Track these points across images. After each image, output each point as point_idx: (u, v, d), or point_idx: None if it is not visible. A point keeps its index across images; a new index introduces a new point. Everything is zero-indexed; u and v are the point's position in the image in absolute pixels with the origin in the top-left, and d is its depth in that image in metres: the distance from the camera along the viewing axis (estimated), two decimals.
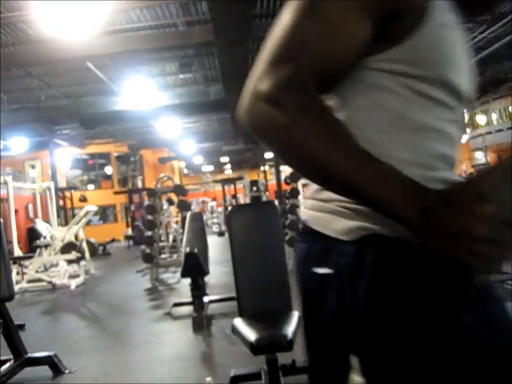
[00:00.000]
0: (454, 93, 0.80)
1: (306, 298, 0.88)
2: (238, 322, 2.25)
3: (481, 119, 18.06)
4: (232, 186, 20.91)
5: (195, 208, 19.29)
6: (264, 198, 13.96)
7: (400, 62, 0.76)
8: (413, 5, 0.75)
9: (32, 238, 12.04)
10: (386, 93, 0.77)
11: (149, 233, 8.09)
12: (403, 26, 0.75)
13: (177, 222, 10.85)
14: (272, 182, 21.71)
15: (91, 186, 22.33)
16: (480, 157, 18.88)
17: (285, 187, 11.15)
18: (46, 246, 9.17)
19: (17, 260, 7.94)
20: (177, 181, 14.80)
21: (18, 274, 7.94)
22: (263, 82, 0.69)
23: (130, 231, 17.17)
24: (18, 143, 15.16)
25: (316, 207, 0.85)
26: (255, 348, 1.97)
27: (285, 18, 0.74)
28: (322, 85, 0.74)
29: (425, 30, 0.75)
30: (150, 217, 8.18)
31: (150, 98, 11.06)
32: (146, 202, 8.74)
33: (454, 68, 0.79)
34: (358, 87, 0.78)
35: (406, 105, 0.77)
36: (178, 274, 6.64)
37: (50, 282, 7.94)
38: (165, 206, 10.08)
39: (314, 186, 0.87)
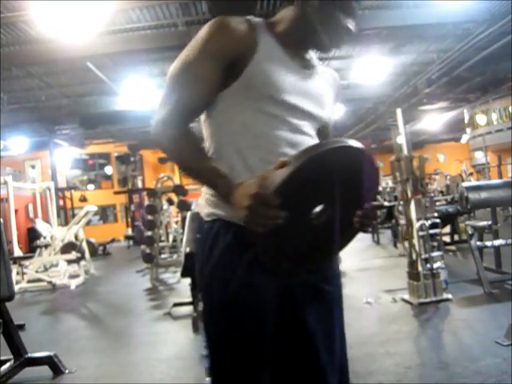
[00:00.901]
0: (286, 107, 1.18)
1: (195, 251, 1.35)
2: None
3: (481, 119, 18.05)
4: None
5: (195, 208, 19.27)
6: None
7: (241, 89, 1.16)
8: (244, 51, 1.15)
9: (32, 238, 12.04)
10: (235, 111, 1.18)
11: (149, 233, 8.09)
12: (241, 64, 1.15)
13: (177, 222, 10.83)
14: None
15: (91, 186, 22.32)
16: (480, 157, 18.87)
17: None
18: (46, 246, 9.17)
19: (17, 260, 7.93)
20: (177, 181, 14.79)
21: (18, 274, 7.93)
22: (158, 114, 1.17)
23: (130, 231, 17.16)
24: (18, 143, 15.16)
25: (201, 196, 1.32)
26: None
27: (169, 72, 1.20)
28: (195, 112, 1.20)
29: (253, 64, 1.15)
30: (149, 217, 8.18)
31: (150, 98, 11.06)
32: (146, 202, 8.74)
33: (281, 89, 1.16)
34: (219, 109, 1.20)
35: (247, 118, 1.18)
36: (178, 274, 6.64)
37: (50, 282, 7.94)
38: (165, 206, 10.07)
39: None
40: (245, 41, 1.16)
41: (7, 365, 3.33)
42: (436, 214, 5.24)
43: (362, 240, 11.44)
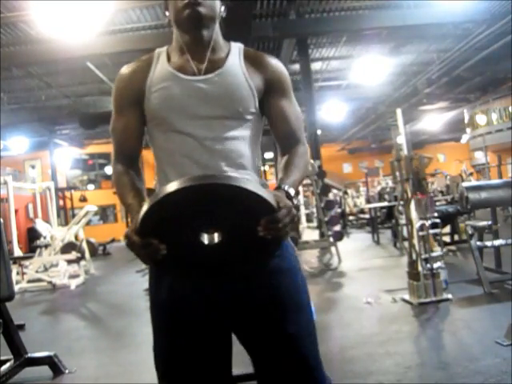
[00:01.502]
0: (186, 121, 1.28)
1: None
2: None
3: (481, 119, 18.05)
4: None
5: None
6: None
7: (149, 121, 1.34)
8: (139, 90, 1.31)
9: (32, 238, 12.03)
10: (154, 138, 1.36)
11: None
12: (142, 101, 1.32)
13: None
14: (272, 182, 21.71)
15: (91, 186, 22.32)
16: (480, 157, 18.87)
17: None
18: (46, 246, 9.16)
19: (17, 260, 7.93)
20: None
21: (18, 274, 7.93)
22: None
23: None
24: (18, 143, 15.16)
25: None
26: None
27: None
28: (130, 153, 1.38)
29: (147, 98, 1.31)
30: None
31: None
32: None
33: (175, 108, 1.28)
34: (149, 139, 1.39)
35: (161, 141, 1.33)
36: None
37: (50, 282, 7.94)
38: None
39: None
40: (137, 83, 1.33)
41: (7, 365, 3.33)
42: (436, 214, 5.24)
43: (362, 240, 11.45)
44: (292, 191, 1.21)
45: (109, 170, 22.26)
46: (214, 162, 1.27)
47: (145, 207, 1.05)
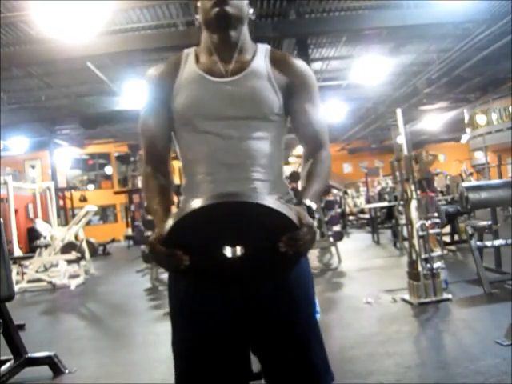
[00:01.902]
0: (211, 121, 1.30)
1: None
2: None
3: (481, 119, 18.04)
4: None
5: None
6: None
7: (177, 120, 1.35)
8: (167, 91, 1.35)
9: (32, 238, 12.02)
10: (181, 137, 1.38)
11: (149, 233, 8.09)
12: (170, 101, 1.35)
13: None
14: None
15: (91, 186, 22.30)
16: (480, 157, 18.86)
17: None
18: (46, 246, 9.16)
19: (17, 260, 7.93)
20: (177, 181, 14.75)
21: (18, 274, 7.93)
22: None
23: (130, 231, 17.14)
24: (18, 143, 15.15)
25: None
26: None
27: None
28: (157, 154, 1.40)
29: (175, 98, 1.34)
30: (150, 217, 8.18)
31: None
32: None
33: (201, 107, 1.30)
34: (176, 139, 1.41)
35: (187, 140, 1.35)
36: None
37: (50, 282, 7.94)
38: None
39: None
40: (165, 84, 1.36)
41: (7, 365, 3.33)
42: (436, 214, 5.24)
43: (362, 240, 11.45)
44: (314, 205, 1.23)
45: (109, 169, 22.28)
46: (239, 161, 1.29)
47: (170, 221, 1.09)
